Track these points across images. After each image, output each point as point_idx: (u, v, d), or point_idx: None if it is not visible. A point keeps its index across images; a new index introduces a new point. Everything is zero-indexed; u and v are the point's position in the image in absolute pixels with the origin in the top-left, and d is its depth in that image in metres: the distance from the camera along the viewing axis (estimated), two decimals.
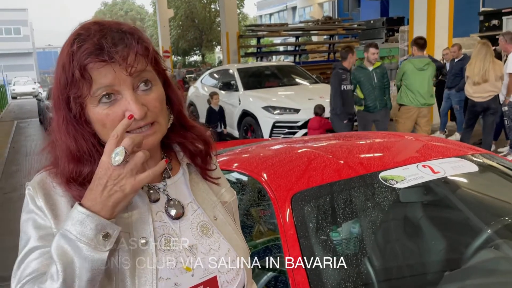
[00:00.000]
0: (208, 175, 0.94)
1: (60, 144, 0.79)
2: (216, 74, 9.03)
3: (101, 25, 0.77)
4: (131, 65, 0.74)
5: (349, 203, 1.64)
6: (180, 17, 28.85)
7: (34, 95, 24.73)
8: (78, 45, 0.74)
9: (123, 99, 0.76)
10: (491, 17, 10.29)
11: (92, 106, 0.76)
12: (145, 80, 0.78)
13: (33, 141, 10.40)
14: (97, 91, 0.75)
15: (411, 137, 2.29)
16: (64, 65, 0.75)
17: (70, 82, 0.75)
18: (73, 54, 0.74)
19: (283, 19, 36.53)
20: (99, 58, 0.73)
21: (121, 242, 0.76)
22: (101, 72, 0.74)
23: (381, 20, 15.86)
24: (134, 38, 0.77)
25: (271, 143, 2.75)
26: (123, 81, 0.75)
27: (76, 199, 0.76)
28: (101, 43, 0.73)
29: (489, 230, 1.69)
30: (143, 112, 0.76)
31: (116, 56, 0.73)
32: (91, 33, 0.75)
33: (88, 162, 0.78)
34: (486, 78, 5.58)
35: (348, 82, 5.56)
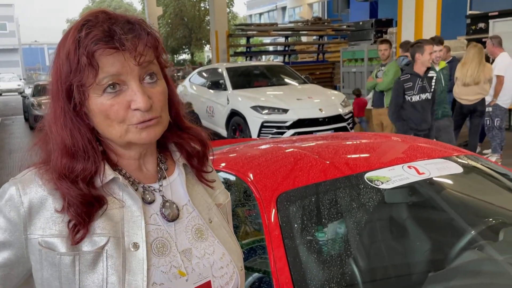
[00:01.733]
0: (204, 177, 0.92)
1: (55, 137, 0.76)
2: (204, 73, 8.99)
3: (109, 14, 0.75)
4: (140, 54, 0.73)
5: (335, 204, 1.64)
6: (169, 15, 28.67)
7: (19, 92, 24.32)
8: (86, 31, 0.71)
9: (128, 89, 0.74)
10: (478, 20, 10.43)
11: (96, 96, 0.74)
12: (151, 73, 0.77)
13: (17, 138, 10.24)
14: (103, 80, 0.72)
15: (397, 138, 2.30)
16: (68, 52, 0.73)
17: (74, 70, 0.72)
18: (80, 40, 0.71)
19: (272, 19, 36.56)
20: (109, 45, 0.71)
21: (110, 247, 0.74)
22: (109, 59, 0.72)
23: (370, 21, 15.97)
24: (143, 28, 0.75)
25: (258, 143, 2.74)
26: (130, 71, 0.73)
27: (65, 197, 0.74)
28: (112, 29, 0.72)
29: (473, 231, 1.70)
30: (149, 104, 0.74)
31: (127, 43, 0.71)
32: (99, 20, 0.73)
33: (82, 158, 0.76)
34: (478, 81, 5.66)
35: (416, 90, 4.22)
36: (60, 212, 0.74)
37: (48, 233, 0.74)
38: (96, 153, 0.77)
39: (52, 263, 0.74)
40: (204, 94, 8.24)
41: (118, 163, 0.81)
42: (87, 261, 0.73)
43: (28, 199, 0.75)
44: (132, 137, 0.77)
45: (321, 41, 16.65)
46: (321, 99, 6.96)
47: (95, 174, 0.76)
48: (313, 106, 6.69)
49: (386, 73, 5.68)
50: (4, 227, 0.75)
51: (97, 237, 0.74)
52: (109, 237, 0.74)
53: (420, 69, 4.18)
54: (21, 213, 0.74)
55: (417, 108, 4.22)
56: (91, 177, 0.76)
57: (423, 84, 4.20)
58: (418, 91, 4.21)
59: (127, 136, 0.77)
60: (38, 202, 0.75)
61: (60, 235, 0.73)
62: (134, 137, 0.77)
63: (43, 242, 0.74)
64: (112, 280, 0.73)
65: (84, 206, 0.73)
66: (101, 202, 0.76)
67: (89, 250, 0.73)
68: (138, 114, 0.74)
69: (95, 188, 0.76)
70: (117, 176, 0.78)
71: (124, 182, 0.78)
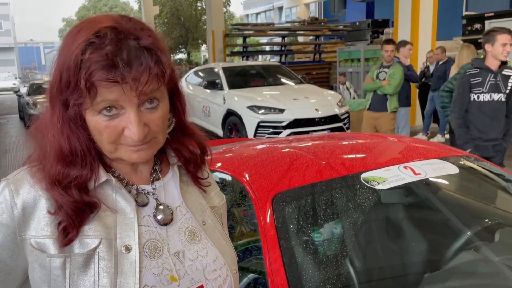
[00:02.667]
0: (199, 182, 0.90)
1: (52, 142, 0.74)
2: (201, 72, 8.97)
3: (119, 32, 0.70)
4: (141, 88, 0.69)
5: (331, 204, 1.63)
6: (165, 14, 28.61)
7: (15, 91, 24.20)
8: (90, 54, 0.68)
9: (125, 114, 0.72)
10: (474, 21, 10.47)
11: (91, 114, 0.72)
12: (152, 99, 0.74)
13: (12, 137, 10.18)
14: (100, 103, 0.70)
15: (393, 138, 2.29)
16: (69, 68, 0.70)
17: (72, 87, 0.70)
18: (82, 62, 0.68)
19: (269, 18, 36.57)
20: (110, 77, 0.67)
21: (102, 249, 0.73)
22: (108, 89, 0.69)
23: (367, 22, 16.01)
24: (152, 57, 0.70)
25: (254, 143, 2.72)
26: (129, 100, 0.71)
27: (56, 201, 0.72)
28: (115, 59, 0.67)
29: (469, 232, 1.70)
30: (143, 134, 0.72)
31: (129, 78, 0.68)
32: (105, 42, 0.68)
33: (79, 165, 0.74)
34: None
35: (486, 88, 3.40)
36: (53, 214, 0.73)
37: (40, 234, 0.73)
38: (94, 160, 0.76)
39: (42, 265, 0.73)
40: (200, 94, 8.23)
41: (112, 165, 0.80)
42: (78, 263, 0.72)
43: (21, 200, 0.73)
44: (122, 155, 0.76)
45: (318, 41, 16.68)
46: (318, 99, 6.96)
47: (89, 179, 0.75)
48: (309, 106, 6.69)
49: (393, 76, 5.27)
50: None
51: (89, 239, 0.73)
52: (101, 239, 0.73)
53: (492, 63, 3.37)
54: (15, 215, 0.73)
55: (485, 111, 3.36)
56: (84, 182, 0.75)
57: (496, 82, 3.37)
58: (488, 89, 3.37)
59: (117, 154, 0.76)
60: (31, 202, 0.73)
61: (52, 236, 0.72)
62: (124, 155, 0.76)
63: (35, 243, 0.72)
64: (104, 282, 0.72)
65: (75, 212, 0.72)
66: (93, 208, 0.74)
67: (81, 252, 0.72)
68: (130, 140, 0.73)
69: (87, 192, 0.75)
70: (110, 178, 0.77)
71: (118, 184, 0.77)
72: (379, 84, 5.38)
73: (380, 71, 5.44)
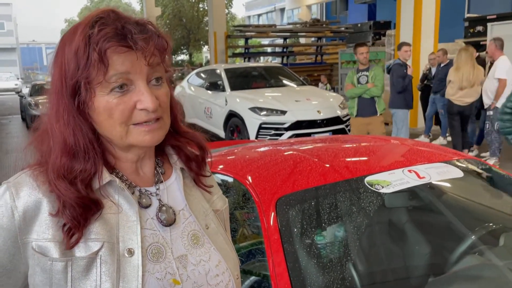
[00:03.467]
0: (202, 182, 0.90)
1: (57, 135, 0.74)
2: (203, 74, 8.97)
3: (119, 14, 0.75)
4: (151, 54, 0.73)
5: (335, 208, 1.62)
6: (167, 15, 28.64)
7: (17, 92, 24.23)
8: (99, 28, 0.71)
9: (136, 89, 0.74)
10: (476, 23, 10.45)
11: (102, 94, 0.73)
12: (158, 77, 0.76)
13: (14, 138, 10.19)
14: (112, 78, 0.71)
15: (397, 141, 2.29)
16: (77, 49, 0.71)
17: (83, 66, 0.71)
18: (92, 37, 0.71)
19: (271, 20, 36.59)
20: (123, 43, 0.71)
21: (104, 253, 0.72)
22: (121, 58, 0.71)
23: (368, 23, 16.00)
24: (153, 31, 0.75)
25: (257, 145, 2.72)
26: (139, 71, 0.73)
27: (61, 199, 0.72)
28: (126, 28, 0.72)
29: (473, 236, 1.69)
30: (156, 104, 0.74)
31: (140, 43, 0.71)
32: (112, 19, 0.72)
33: (82, 158, 0.74)
34: (473, 83, 5.78)
35: None
36: (55, 215, 0.72)
37: (42, 237, 0.72)
38: (97, 154, 0.76)
39: (43, 269, 0.72)
40: (202, 95, 8.22)
41: (116, 166, 0.80)
42: (80, 267, 0.71)
43: (22, 202, 0.73)
44: (134, 139, 0.76)
45: (320, 43, 16.69)
46: (319, 101, 6.95)
47: (93, 176, 0.75)
48: (311, 108, 6.69)
49: (376, 77, 5.30)
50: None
51: (91, 242, 0.72)
52: (103, 242, 0.72)
53: None
54: (15, 218, 0.72)
55: None
56: (89, 179, 0.74)
57: None
58: None
59: (128, 138, 0.75)
60: (32, 205, 0.73)
61: (53, 239, 0.71)
62: (136, 139, 0.76)
63: (36, 247, 0.72)
64: (106, 287, 0.71)
65: (81, 209, 0.72)
66: (98, 206, 0.74)
67: (83, 256, 0.71)
68: (143, 114, 0.74)
69: (92, 190, 0.74)
70: (113, 179, 0.76)
71: (121, 185, 0.77)
72: (365, 88, 5.30)
73: (360, 75, 5.38)
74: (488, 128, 5.89)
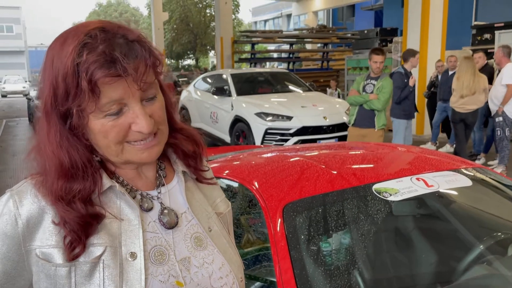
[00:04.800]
0: (203, 177, 0.90)
1: (51, 158, 0.73)
2: (209, 78, 9.00)
3: (107, 32, 0.71)
4: (141, 79, 0.71)
5: (342, 215, 1.62)
6: (174, 20, 28.83)
7: (24, 94, 24.44)
8: (87, 56, 0.68)
9: (130, 111, 0.73)
10: (483, 31, 10.42)
11: (96, 118, 0.72)
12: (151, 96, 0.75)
13: (21, 140, 10.25)
14: (105, 106, 0.70)
15: (404, 148, 2.28)
16: (66, 75, 0.69)
17: (73, 94, 0.69)
18: (79, 65, 0.68)
19: (277, 26, 36.68)
20: (113, 72, 0.68)
21: (107, 257, 0.72)
22: (112, 86, 0.69)
23: (375, 30, 15.98)
24: (144, 48, 0.72)
25: (263, 151, 2.72)
26: (132, 95, 0.72)
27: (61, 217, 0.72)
28: (113, 54, 0.69)
29: (481, 245, 1.68)
30: (151, 126, 0.74)
31: (130, 70, 0.69)
32: (98, 42, 0.69)
33: (81, 178, 0.73)
34: (474, 91, 5.80)
35: None
36: (58, 224, 0.72)
37: (46, 244, 0.72)
38: (95, 171, 0.75)
39: (48, 275, 0.72)
40: (208, 100, 8.25)
41: (116, 171, 0.80)
42: (84, 272, 0.71)
43: (25, 210, 0.73)
44: (130, 156, 0.76)
45: (326, 49, 16.70)
46: (326, 107, 6.95)
47: (93, 191, 0.75)
48: (317, 114, 6.68)
49: (382, 89, 4.85)
50: (1, 242, 0.73)
51: (94, 247, 0.72)
52: (106, 246, 0.73)
53: None
54: (19, 226, 0.72)
55: None
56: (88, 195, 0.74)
57: None
58: None
59: (124, 156, 0.75)
60: (35, 213, 0.73)
61: (57, 246, 0.72)
62: (133, 156, 0.76)
63: (40, 253, 0.72)
64: None
65: (80, 227, 0.72)
66: (98, 219, 0.74)
67: (86, 261, 0.72)
68: (139, 135, 0.74)
69: (92, 204, 0.74)
70: (114, 184, 0.76)
71: (121, 190, 0.77)
72: (366, 98, 4.85)
73: (367, 83, 4.95)
74: (500, 135, 5.85)
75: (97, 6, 47.27)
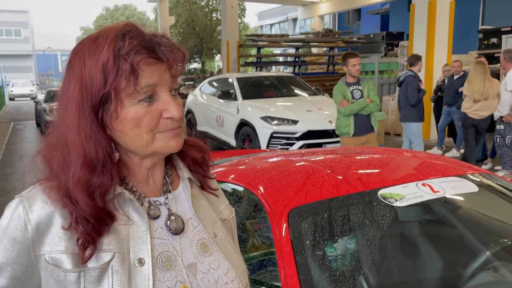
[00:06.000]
0: (208, 185, 0.91)
1: (77, 148, 0.74)
2: (215, 82, 9.03)
3: (137, 29, 0.77)
4: (176, 67, 0.77)
5: (347, 220, 1.62)
6: (181, 24, 28.96)
7: (32, 97, 24.63)
8: (129, 40, 0.73)
9: (160, 99, 0.76)
10: (490, 35, 10.38)
11: (130, 104, 0.74)
12: (176, 87, 0.80)
13: (28, 143, 10.34)
14: (143, 89, 0.74)
15: (410, 153, 2.27)
16: (105, 62, 0.72)
17: (113, 78, 0.72)
18: (121, 50, 0.72)
19: (283, 30, 36.77)
20: (152, 55, 0.73)
21: (116, 263, 0.73)
22: (150, 69, 0.74)
23: (381, 34, 15.98)
24: (173, 44, 0.78)
25: (268, 155, 2.72)
26: (165, 82, 0.76)
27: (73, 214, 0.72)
28: (153, 40, 0.74)
29: (487, 252, 1.67)
30: (182, 113, 0.78)
31: (168, 55, 0.75)
32: (138, 32, 0.75)
33: (100, 172, 0.75)
34: (487, 96, 5.74)
35: None
36: (67, 229, 0.73)
37: (55, 250, 0.73)
38: (114, 167, 0.77)
39: (57, 280, 0.73)
40: (214, 104, 8.27)
41: (127, 177, 0.81)
42: (93, 277, 0.72)
43: (35, 216, 0.74)
44: (159, 145, 0.78)
45: (332, 53, 16.67)
46: (331, 111, 6.92)
47: (109, 188, 0.76)
48: (323, 118, 6.68)
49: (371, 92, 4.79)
50: (11, 247, 0.74)
51: (103, 253, 0.73)
52: (114, 252, 0.74)
53: None
54: (28, 231, 0.73)
55: None
56: (105, 192, 0.75)
57: None
58: None
59: (154, 145, 0.78)
60: (45, 218, 0.74)
61: (66, 251, 0.73)
62: (162, 145, 0.78)
63: (50, 259, 0.73)
64: None
65: (95, 222, 0.73)
66: (112, 218, 0.75)
67: (95, 266, 0.72)
68: (169, 122, 0.77)
69: (106, 203, 0.75)
70: (123, 191, 0.77)
71: (130, 197, 0.78)
72: (364, 103, 4.70)
73: (353, 89, 4.78)
74: (499, 142, 5.84)
75: (104, 10, 47.63)
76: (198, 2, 29.16)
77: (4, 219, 0.75)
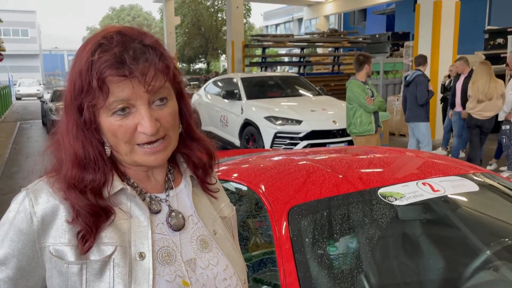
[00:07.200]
0: (208, 187, 0.93)
1: (68, 148, 0.78)
2: (220, 82, 9.05)
3: (124, 35, 0.76)
4: (149, 83, 0.74)
5: (347, 219, 1.62)
6: (186, 24, 29.04)
7: (38, 97, 24.79)
8: (99, 55, 0.73)
9: (137, 112, 0.76)
10: (496, 35, 10.32)
11: (105, 116, 0.76)
12: (161, 97, 0.78)
13: (35, 142, 10.41)
14: (113, 104, 0.74)
15: (412, 153, 2.27)
16: (81, 72, 0.74)
17: (85, 90, 0.74)
18: (93, 63, 0.73)
19: (289, 30, 36.75)
20: (119, 72, 0.72)
21: (117, 256, 0.75)
22: (119, 86, 0.73)
23: (387, 34, 15.94)
24: (156, 53, 0.76)
25: (271, 154, 2.73)
26: (140, 97, 0.75)
27: (74, 207, 0.75)
28: (123, 56, 0.73)
29: (488, 251, 1.66)
30: (155, 128, 0.76)
31: (136, 72, 0.73)
32: (113, 44, 0.74)
33: (92, 169, 0.77)
34: (491, 97, 5.71)
35: None
36: (71, 223, 0.75)
37: (59, 242, 0.75)
38: (106, 165, 0.79)
39: (60, 272, 0.75)
40: (218, 103, 8.29)
41: (126, 173, 0.83)
42: (94, 270, 0.74)
43: (40, 208, 0.76)
44: (138, 158, 0.79)
45: (337, 53, 16.64)
46: (335, 111, 6.93)
47: (103, 185, 0.78)
48: (327, 118, 6.67)
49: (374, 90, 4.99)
50: (17, 238, 0.76)
51: (105, 246, 0.75)
52: (116, 246, 0.76)
53: None
54: (34, 223, 0.76)
55: None
56: (99, 188, 0.78)
57: None
58: None
59: (133, 156, 0.79)
60: (50, 211, 0.76)
61: (69, 243, 0.75)
62: (140, 158, 0.79)
63: (54, 251, 0.75)
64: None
65: (91, 216, 0.75)
66: (108, 213, 0.77)
67: (97, 259, 0.75)
68: (144, 136, 0.76)
69: (102, 199, 0.77)
70: (125, 186, 0.79)
71: (132, 193, 0.80)
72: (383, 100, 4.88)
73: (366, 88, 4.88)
74: (505, 143, 5.80)
75: (110, 11, 47.85)
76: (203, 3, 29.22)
77: (10, 211, 0.78)
